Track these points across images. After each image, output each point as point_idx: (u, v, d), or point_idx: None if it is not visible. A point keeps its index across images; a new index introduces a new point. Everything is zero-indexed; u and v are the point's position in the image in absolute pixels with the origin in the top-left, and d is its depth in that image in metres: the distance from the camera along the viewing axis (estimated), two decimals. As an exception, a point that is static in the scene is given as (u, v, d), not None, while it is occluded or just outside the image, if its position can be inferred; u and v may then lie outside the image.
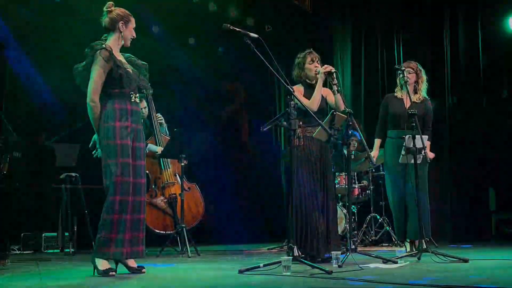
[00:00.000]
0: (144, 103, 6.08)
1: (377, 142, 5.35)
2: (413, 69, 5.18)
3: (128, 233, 3.67)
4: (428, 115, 5.22)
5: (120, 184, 3.63)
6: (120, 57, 3.83)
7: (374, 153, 5.26)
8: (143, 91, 3.99)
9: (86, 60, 3.71)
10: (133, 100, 3.78)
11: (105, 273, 3.61)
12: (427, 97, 5.28)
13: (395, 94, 5.27)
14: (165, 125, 6.23)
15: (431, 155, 5.10)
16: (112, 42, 3.79)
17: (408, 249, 5.12)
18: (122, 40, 3.82)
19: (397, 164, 4.96)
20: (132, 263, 3.80)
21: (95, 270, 3.66)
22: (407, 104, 5.14)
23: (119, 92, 3.71)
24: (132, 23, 3.85)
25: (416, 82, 5.21)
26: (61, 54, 6.71)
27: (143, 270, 3.80)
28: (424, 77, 5.23)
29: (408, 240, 5.19)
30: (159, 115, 6.19)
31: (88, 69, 3.69)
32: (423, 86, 5.22)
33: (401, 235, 5.20)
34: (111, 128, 3.66)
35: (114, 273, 3.64)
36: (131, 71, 3.81)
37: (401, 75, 5.14)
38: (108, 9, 3.79)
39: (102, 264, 3.65)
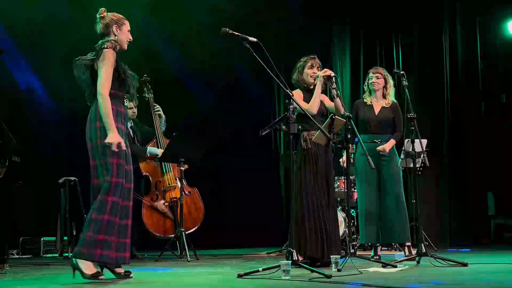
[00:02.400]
0: (133, 104, 6.07)
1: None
2: (381, 74, 5.33)
3: (116, 237, 3.57)
4: (398, 118, 5.30)
5: (115, 185, 3.56)
6: None
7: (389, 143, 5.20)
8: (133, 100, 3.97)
9: (91, 54, 3.66)
10: (125, 104, 3.84)
11: (94, 277, 3.46)
12: (395, 101, 5.37)
13: (364, 100, 5.37)
14: (163, 117, 6.21)
15: (387, 147, 5.15)
16: None
17: (407, 253, 5.13)
18: (118, 44, 3.74)
19: (368, 167, 4.98)
20: (118, 268, 3.69)
21: (81, 274, 3.45)
22: (377, 109, 5.28)
23: (114, 93, 3.64)
24: (127, 26, 3.80)
25: (385, 87, 5.33)
26: (60, 59, 6.72)
27: (131, 275, 3.70)
28: (391, 82, 5.36)
29: (406, 244, 5.22)
30: (156, 106, 6.16)
31: (90, 65, 3.63)
32: (391, 91, 5.34)
33: (372, 239, 5.19)
34: None
35: (102, 276, 3.50)
36: (130, 76, 3.78)
37: (370, 81, 5.32)
38: (101, 15, 3.76)
39: (88, 267, 3.47)
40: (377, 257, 5.06)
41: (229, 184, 8.39)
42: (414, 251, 5.08)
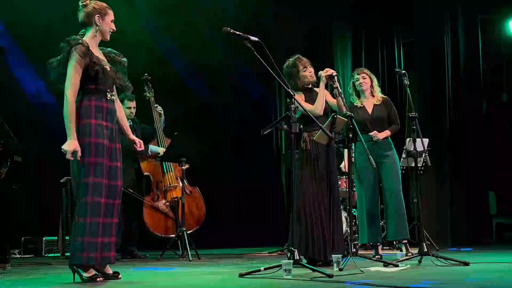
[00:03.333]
0: (134, 103, 6.08)
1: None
2: (366, 74, 5.33)
3: (100, 237, 3.52)
4: (392, 112, 5.29)
5: (92, 185, 3.47)
6: (98, 52, 3.69)
7: (384, 132, 5.21)
8: (127, 91, 3.93)
9: (61, 55, 3.59)
10: (109, 98, 3.63)
11: (92, 279, 3.45)
12: (384, 96, 5.38)
13: (354, 103, 5.35)
14: (163, 116, 6.23)
15: (380, 135, 5.15)
16: (90, 37, 3.65)
17: (406, 251, 5.13)
18: (100, 35, 3.67)
19: (368, 166, 5.01)
20: (107, 269, 3.65)
21: (80, 277, 3.47)
22: (369, 109, 5.27)
23: (94, 88, 3.58)
24: (110, 16, 3.69)
25: (371, 85, 5.34)
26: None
27: (119, 276, 3.65)
28: (375, 80, 5.38)
29: (404, 241, 5.23)
30: (158, 106, 6.18)
31: (63, 64, 3.56)
32: (377, 88, 5.35)
33: (373, 238, 5.19)
34: (87, 126, 3.52)
35: (101, 279, 3.49)
36: (108, 68, 3.66)
37: (357, 82, 5.30)
38: (84, 3, 3.67)
39: (87, 270, 3.49)
40: (379, 257, 5.06)
41: (230, 184, 8.38)
42: (411, 250, 5.09)
